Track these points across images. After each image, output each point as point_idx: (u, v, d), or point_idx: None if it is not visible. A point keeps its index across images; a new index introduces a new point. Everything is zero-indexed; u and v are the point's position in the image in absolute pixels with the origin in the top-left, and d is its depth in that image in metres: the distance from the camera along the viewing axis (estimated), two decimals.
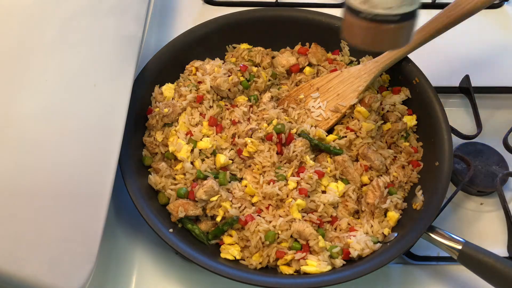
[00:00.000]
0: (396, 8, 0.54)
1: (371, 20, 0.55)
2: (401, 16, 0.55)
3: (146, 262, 0.74)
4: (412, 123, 0.81)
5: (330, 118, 0.80)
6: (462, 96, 0.92)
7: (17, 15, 0.53)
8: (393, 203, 0.74)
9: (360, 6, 0.55)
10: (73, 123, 0.60)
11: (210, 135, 0.77)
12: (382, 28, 0.55)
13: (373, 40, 0.57)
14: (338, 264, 0.69)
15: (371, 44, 0.58)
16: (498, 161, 0.83)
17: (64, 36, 0.60)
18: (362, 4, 0.55)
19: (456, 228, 0.79)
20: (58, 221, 0.55)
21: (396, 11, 0.54)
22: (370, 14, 0.54)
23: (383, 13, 0.54)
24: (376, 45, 0.59)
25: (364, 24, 0.55)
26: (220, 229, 0.71)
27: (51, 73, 0.56)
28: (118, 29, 0.73)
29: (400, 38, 0.58)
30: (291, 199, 0.72)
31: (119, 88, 0.71)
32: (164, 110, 0.77)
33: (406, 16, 0.55)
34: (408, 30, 0.57)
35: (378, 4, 0.54)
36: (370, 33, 0.56)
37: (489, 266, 0.65)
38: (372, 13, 0.54)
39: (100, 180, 0.64)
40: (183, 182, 0.74)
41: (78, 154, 0.60)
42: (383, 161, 0.77)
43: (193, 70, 0.84)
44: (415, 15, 0.56)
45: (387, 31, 0.56)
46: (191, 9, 1.02)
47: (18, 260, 0.48)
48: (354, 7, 0.56)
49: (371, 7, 0.54)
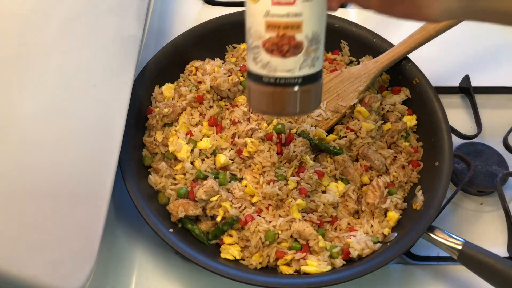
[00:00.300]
0: (297, 71, 0.52)
1: (274, 84, 0.52)
2: (303, 79, 0.52)
3: (146, 262, 0.74)
4: (412, 123, 0.81)
5: (330, 118, 0.80)
6: (462, 96, 0.92)
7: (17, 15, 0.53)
8: (393, 203, 0.74)
9: (261, 71, 0.52)
10: (73, 123, 0.60)
11: (210, 135, 0.77)
12: (286, 92, 0.52)
13: (278, 105, 0.54)
14: (338, 264, 0.69)
15: (278, 110, 0.55)
16: (498, 161, 0.83)
17: (64, 36, 0.60)
18: (262, 69, 0.52)
19: (456, 228, 0.79)
20: (58, 221, 0.55)
21: (297, 74, 0.52)
22: (272, 78, 0.52)
23: (284, 76, 0.52)
24: (284, 111, 0.55)
25: (268, 89, 0.52)
26: (220, 229, 0.71)
27: (51, 73, 0.56)
28: (118, 29, 0.73)
29: (307, 101, 0.54)
30: (291, 199, 0.72)
31: (119, 88, 0.71)
32: (164, 110, 0.77)
33: (308, 78, 0.53)
34: (315, 93, 0.55)
35: (277, 67, 0.51)
36: (275, 98, 0.53)
37: (489, 266, 0.65)
38: (274, 77, 0.52)
39: (100, 180, 0.64)
40: (183, 182, 0.74)
41: (78, 154, 0.60)
42: (383, 161, 0.77)
43: (193, 70, 0.84)
44: (319, 77, 0.54)
45: (291, 95, 0.53)
46: (191, 9, 1.02)
47: (18, 260, 0.48)
48: (255, 72, 0.53)
49: (271, 71, 0.52)
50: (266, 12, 0.50)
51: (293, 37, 0.50)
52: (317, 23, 0.51)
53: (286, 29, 0.50)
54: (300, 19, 0.49)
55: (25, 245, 0.49)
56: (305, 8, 0.49)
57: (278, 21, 0.49)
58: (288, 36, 0.50)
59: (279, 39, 0.50)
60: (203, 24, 0.86)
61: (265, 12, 0.50)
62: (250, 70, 0.54)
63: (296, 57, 0.51)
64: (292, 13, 0.49)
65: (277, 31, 0.50)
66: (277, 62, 0.51)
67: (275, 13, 0.49)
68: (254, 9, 0.51)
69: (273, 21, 0.50)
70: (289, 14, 0.49)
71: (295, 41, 0.50)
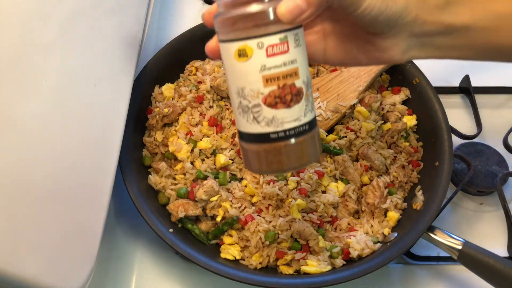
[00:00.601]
0: (303, 117, 0.49)
1: (284, 138, 0.49)
2: (309, 124, 0.50)
3: (146, 262, 0.74)
4: (412, 123, 0.81)
5: (330, 118, 0.80)
6: (462, 96, 0.92)
7: (17, 15, 0.53)
8: (393, 203, 0.74)
9: (266, 129, 0.49)
10: (73, 123, 0.60)
11: (210, 135, 0.77)
12: (300, 142, 0.50)
13: (292, 159, 0.50)
14: (338, 264, 0.69)
15: (292, 164, 0.51)
16: (498, 161, 0.83)
17: (64, 36, 0.60)
18: (267, 127, 0.49)
19: (456, 228, 0.79)
20: (58, 221, 0.55)
21: (304, 120, 0.50)
22: (281, 132, 0.49)
23: (293, 126, 0.49)
24: (296, 163, 0.51)
25: (278, 145, 0.49)
26: (220, 229, 0.71)
27: (51, 73, 0.56)
28: (118, 29, 0.73)
29: (316, 147, 0.52)
30: (291, 199, 0.72)
31: (119, 88, 0.71)
32: (164, 110, 0.77)
33: (312, 122, 0.51)
34: (318, 137, 0.53)
35: (284, 119, 0.48)
36: (288, 152, 0.50)
37: (489, 266, 0.65)
38: (282, 130, 0.49)
39: (100, 180, 0.64)
40: (183, 182, 0.74)
41: (78, 154, 0.60)
42: (383, 161, 0.77)
43: (193, 70, 0.84)
44: (316, 121, 0.53)
45: (302, 144, 0.50)
46: (191, 9, 1.02)
47: (18, 260, 0.48)
48: (258, 133, 0.49)
49: (278, 125, 0.49)
50: (261, 67, 0.47)
51: (293, 84, 0.48)
52: (307, 67, 0.50)
53: (286, 79, 0.48)
54: (296, 65, 0.48)
55: (25, 245, 0.49)
56: (297, 54, 0.48)
57: (277, 72, 0.47)
58: (289, 85, 0.48)
59: (281, 90, 0.48)
60: (203, 24, 0.85)
61: (261, 67, 0.47)
62: (249, 132, 0.50)
63: (299, 103, 0.49)
64: (288, 61, 0.48)
65: (278, 83, 0.48)
66: (283, 114, 0.49)
67: (272, 65, 0.47)
68: (244, 67, 0.48)
69: (272, 74, 0.47)
70: (286, 63, 0.48)
71: (295, 88, 0.48)
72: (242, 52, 0.47)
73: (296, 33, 0.48)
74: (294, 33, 0.48)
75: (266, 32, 0.47)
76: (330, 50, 0.56)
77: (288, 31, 0.47)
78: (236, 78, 0.49)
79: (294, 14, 0.46)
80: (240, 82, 0.49)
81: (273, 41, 0.47)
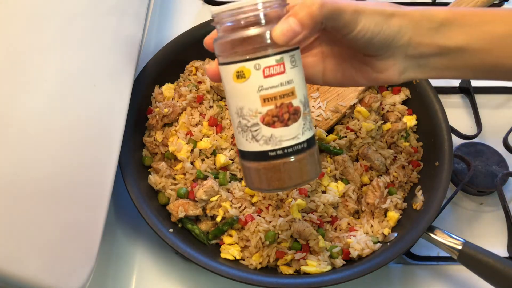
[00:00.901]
0: (301, 136, 0.51)
1: (282, 156, 0.51)
2: (307, 142, 0.52)
3: (146, 262, 0.74)
4: (412, 123, 0.81)
5: (330, 118, 0.80)
6: (462, 96, 0.92)
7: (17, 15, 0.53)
8: (393, 203, 0.74)
9: (265, 147, 0.51)
10: (73, 123, 0.60)
11: (210, 135, 0.77)
12: (299, 160, 0.51)
13: (291, 176, 0.52)
14: (338, 264, 0.69)
15: (292, 182, 0.52)
16: (498, 161, 0.83)
17: (64, 36, 0.60)
18: (266, 145, 0.51)
19: (456, 228, 0.79)
20: (58, 221, 0.55)
21: (302, 138, 0.51)
22: (279, 150, 0.50)
23: (291, 144, 0.51)
24: (297, 181, 0.52)
25: (276, 163, 0.51)
26: (220, 229, 0.71)
27: (51, 73, 0.56)
28: (118, 29, 0.73)
29: (315, 164, 0.54)
30: (291, 199, 0.72)
31: (119, 88, 0.71)
32: (164, 110, 0.77)
33: (311, 141, 0.52)
34: (318, 155, 0.54)
35: (282, 137, 0.50)
36: (287, 169, 0.51)
37: (489, 266, 0.65)
38: (281, 148, 0.50)
39: (100, 180, 0.64)
40: (183, 182, 0.74)
41: (78, 154, 0.60)
42: (383, 161, 0.77)
43: (193, 70, 0.84)
44: (315, 139, 0.54)
45: (301, 161, 0.52)
46: (191, 9, 1.02)
47: (18, 260, 0.48)
48: (257, 151, 0.51)
49: (276, 143, 0.50)
50: (259, 88, 0.49)
51: (290, 104, 0.50)
52: (304, 87, 0.52)
53: (283, 98, 0.50)
54: (292, 85, 0.50)
55: (25, 245, 0.49)
56: (293, 74, 0.50)
57: (274, 92, 0.49)
58: (286, 104, 0.50)
59: (279, 109, 0.50)
60: (203, 24, 0.86)
61: (258, 88, 0.49)
62: (249, 151, 0.52)
63: (297, 122, 0.51)
64: (285, 81, 0.49)
65: (275, 102, 0.49)
66: (281, 133, 0.50)
67: (269, 85, 0.49)
68: (242, 88, 0.50)
69: (269, 94, 0.49)
70: (282, 83, 0.49)
71: (293, 107, 0.50)
72: (240, 73, 0.50)
73: (292, 55, 0.50)
74: (290, 54, 0.50)
75: (262, 54, 0.49)
76: (328, 72, 0.58)
77: (284, 52, 0.49)
78: (235, 99, 0.51)
79: (289, 36, 0.48)
80: (239, 102, 0.51)
81: (270, 62, 0.49)
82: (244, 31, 0.49)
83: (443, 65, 0.53)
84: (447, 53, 0.52)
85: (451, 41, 0.52)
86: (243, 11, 0.49)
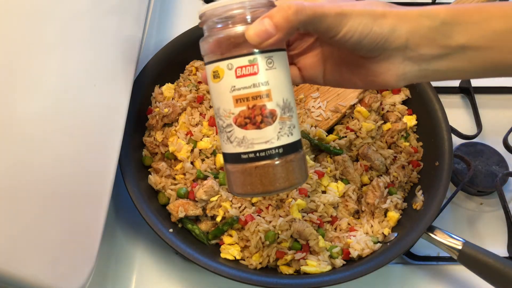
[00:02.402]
0: (276, 140, 0.49)
1: (254, 159, 0.49)
2: (283, 148, 0.50)
3: (146, 262, 0.74)
4: (412, 123, 0.81)
5: (330, 118, 0.80)
6: (462, 96, 0.93)
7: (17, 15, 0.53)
8: (393, 203, 0.74)
9: (237, 149, 0.50)
10: (73, 123, 0.60)
11: (210, 135, 0.77)
12: (269, 165, 0.50)
13: (265, 182, 0.50)
14: (338, 264, 0.69)
15: (265, 188, 0.50)
16: (498, 161, 0.83)
17: (64, 36, 0.60)
18: (238, 147, 0.50)
19: (456, 228, 0.79)
20: (58, 221, 0.55)
21: (277, 144, 0.49)
22: (251, 153, 0.49)
23: (263, 148, 0.49)
24: (271, 187, 0.50)
25: (248, 166, 0.50)
26: (220, 229, 0.71)
27: (50, 73, 0.56)
28: (118, 29, 0.73)
29: (293, 173, 0.51)
30: (291, 199, 0.72)
31: (119, 88, 0.71)
32: (164, 110, 0.77)
33: (289, 147, 0.50)
34: (299, 164, 0.52)
35: (254, 140, 0.49)
36: (258, 174, 0.50)
37: (489, 266, 0.65)
38: (252, 151, 0.49)
39: (100, 180, 0.64)
40: (183, 182, 0.74)
41: (78, 154, 0.60)
42: (383, 161, 0.77)
43: (193, 70, 0.84)
44: (299, 147, 0.52)
45: (275, 167, 0.50)
46: (191, 9, 1.02)
47: (18, 260, 0.48)
48: (231, 152, 0.51)
49: (248, 146, 0.49)
50: (231, 88, 0.49)
51: (264, 106, 0.49)
52: (285, 90, 0.50)
53: (256, 100, 0.49)
54: (267, 87, 0.49)
55: (25, 245, 0.49)
56: (269, 76, 0.49)
57: (246, 93, 0.49)
58: (259, 106, 0.49)
59: (251, 110, 0.49)
60: None
61: (231, 88, 0.49)
62: (226, 152, 0.52)
63: (271, 126, 0.49)
64: (258, 82, 0.49)
65: (247, 103, 0.49)
66: (253, 135, 0.49)
67: (241, 86, 0.48)
68: (218, 88, 0.50)
69: (240, 95, 0.49)
70: (256, 84, 0.48)
71: (266, 110, 0.49)
72: (216, 73, 0.50)
73: (269, 56, 0.49)
74: (267, 55, 0.49)
75: (236, 54, 0.49)
76: (328, 73, 0.57)
77: (259, 53, 0.49)
78: (213, 99, 0.51)
79: (262, 37, 0.47)
80: (217, 103, 0.51)
81: (242, 63, 0.49)
82: (220, 31, 0.49)
83: (445, 66, 0.52)
84: (448, 53, 0.51)
85: (452, 40, 0.50)
86: (220, 11, 0.49)
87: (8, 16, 0.52)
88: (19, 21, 0.53)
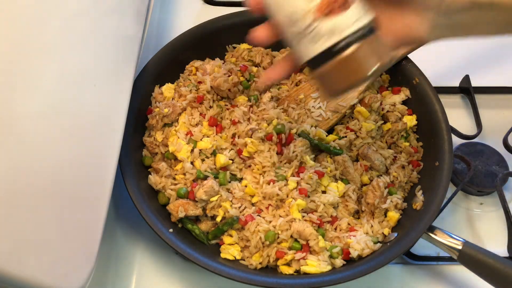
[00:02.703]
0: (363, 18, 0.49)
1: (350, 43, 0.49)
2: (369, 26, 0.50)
3: (146, 262, 0.74)
4: (412, 123, 0.81)
5: (330, 118, 0.80)
6: (462, 96, 0.92)
7: (17, 15, 0.53)
8: (393, 203, 0.74)
9: (329, 42, 0.49)
10: (73, 123, 0.60)
11: (210, 135, 0.77)
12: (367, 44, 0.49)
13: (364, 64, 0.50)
14: (338, 264, 0.69)
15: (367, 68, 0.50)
16: (498, 161, 0.83)
17: (64, 36, 0.60)
18: (329, 40, 0.49)
19: (456, 228, 0.79)
20: (58, 221, 0.55)
21: (364, 21, 0.49)
22: (345, 39, 0.49)
23: (356, 28, 0.49)
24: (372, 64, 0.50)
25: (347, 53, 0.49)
26: (220, 229, 0.71)
27: (50, 73, 0.56)
28: (118, 29, 0.73)
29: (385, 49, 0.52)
30: (291, 199, 0.72)
31: (119, 88, 0.71)
32: (164, 110, 0.77)
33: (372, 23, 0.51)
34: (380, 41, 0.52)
35: (342, 24, 0.48)
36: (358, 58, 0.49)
37: (489, 266, 0.66)
38: (346, 36, 0.48)
39: (100, 180, 0.64)
40: (183, 182, 0.74)
41: (78, 154, 0.60)
42: (383, 161, 0.77)
43: (193, 70, 0.84)
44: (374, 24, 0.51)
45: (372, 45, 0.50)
46: (191, 9, 1.02)
47: (18, 260, 0.48)
48: (322, 50, 0.49)
49: (341, 32, 0.48)
50: None
51: None
52: None
53: None
54: None
55: (25, 245, 0.49)
56: None
57: None
58: None
59: None
60: (203, 24, 0.86)
61: None
62: (314, 55, 0.50)
63: (354, 4, 0.49)
64: None
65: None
66: (341, 20, 0.48)
67: None
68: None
69: None
70: None
71: None
72: None
73: None
74: None
75: None
76: None
77: None
78: (280, 7, 0.50)
79: None
80: (286, 9, 0.49)
81: None
82: None
83: (472, 21, 0.54)
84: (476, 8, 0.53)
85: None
86: None
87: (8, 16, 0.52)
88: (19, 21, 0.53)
